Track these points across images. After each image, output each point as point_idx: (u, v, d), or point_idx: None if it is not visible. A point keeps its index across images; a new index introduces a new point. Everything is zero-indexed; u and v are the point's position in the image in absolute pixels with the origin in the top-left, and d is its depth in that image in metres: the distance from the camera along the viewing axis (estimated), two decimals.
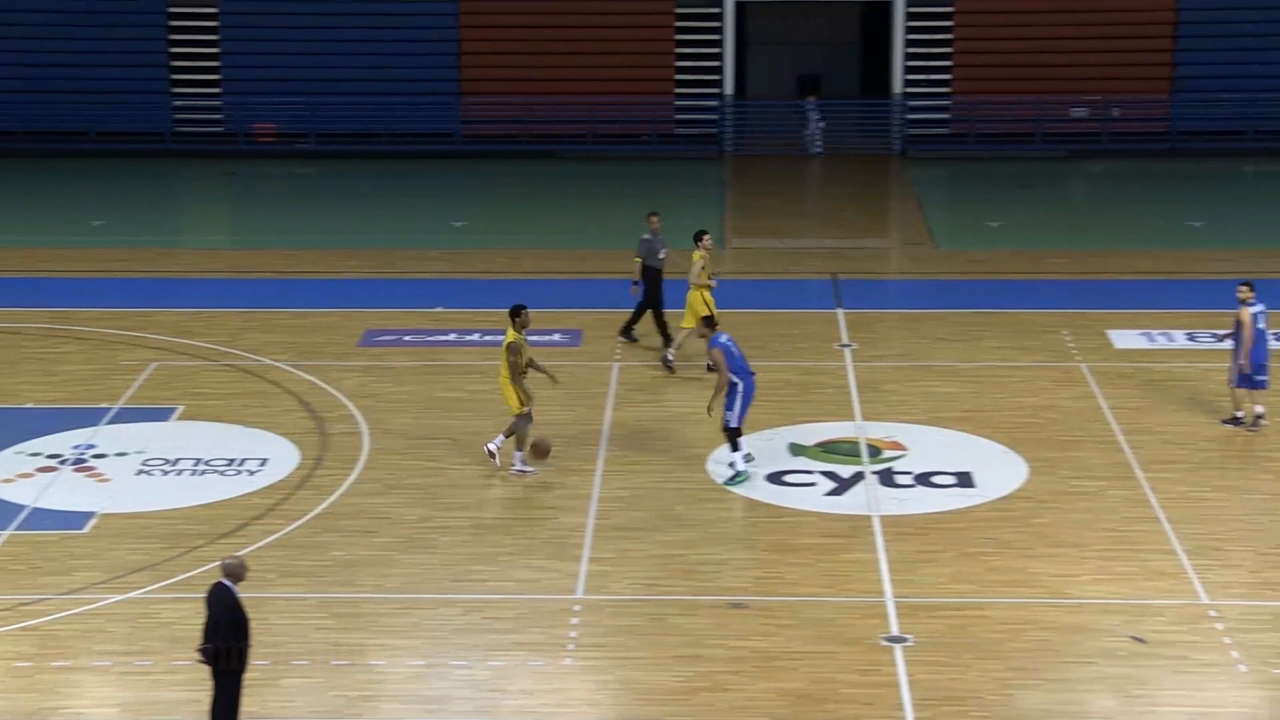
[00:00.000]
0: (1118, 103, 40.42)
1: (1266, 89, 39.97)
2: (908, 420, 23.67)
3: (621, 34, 41.81)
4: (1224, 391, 24.13)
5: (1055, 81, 40.49)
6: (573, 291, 30.05)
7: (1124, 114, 40.53)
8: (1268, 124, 40.14)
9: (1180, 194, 38.18)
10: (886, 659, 17.22)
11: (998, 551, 19.61)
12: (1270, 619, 17.97)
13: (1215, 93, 40.29)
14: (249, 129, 41.96)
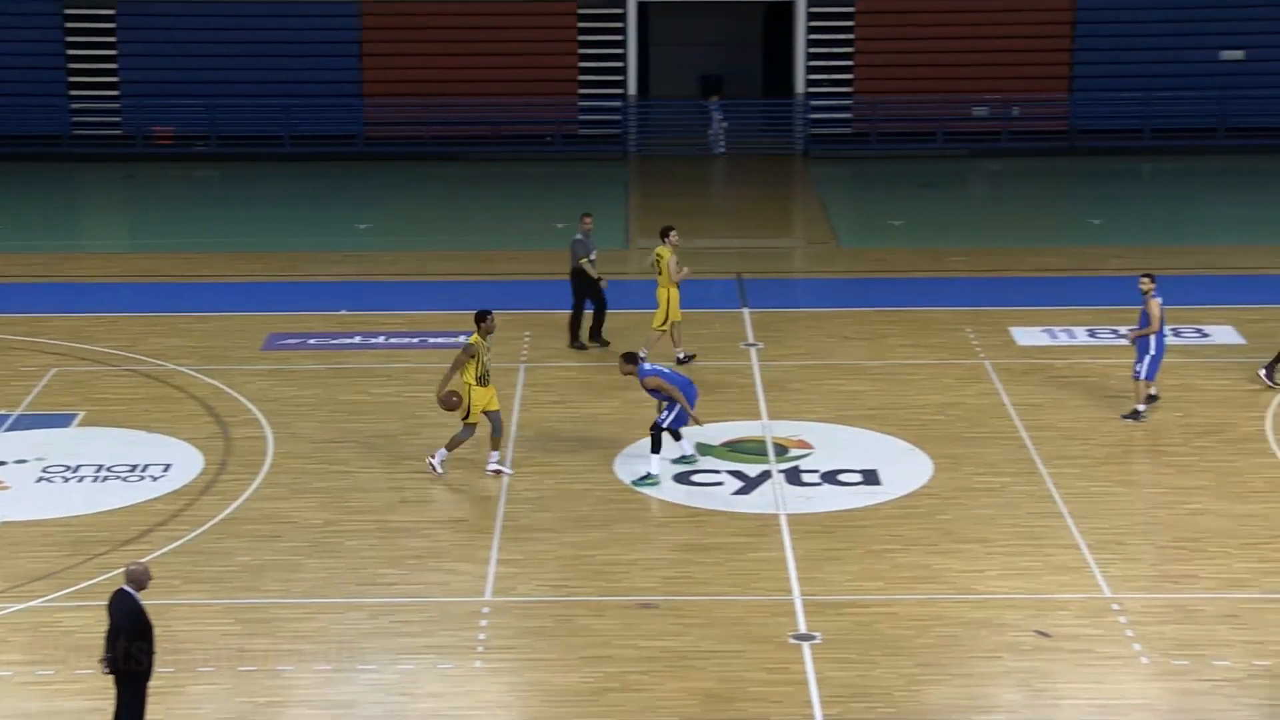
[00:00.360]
0: (1018, 102, 40.78)
1: (1163, 88, 40.45)
2: (814, 419, 23.78)
3: (524, 35, 41.75)
4: (1126, 386, 24.42)
5: (956, 81, 40.81)
6: (478, 293, 29.93)
7: (1024, 113, 40.90)
8: (1164, 122, 40.63)
9: (1080, 192, 38.58)
10: (795, 657, 17.28)
11: (904, 548, 19.73)
12: (1170, 611, 18.18)
13: (1113, 92, 40.73)
14: (148, 132, 41.55)
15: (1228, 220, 36.00)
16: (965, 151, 40.79)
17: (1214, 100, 40.29)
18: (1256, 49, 40.71)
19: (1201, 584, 18.74)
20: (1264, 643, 17.43)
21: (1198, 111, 40.54)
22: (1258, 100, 40.36)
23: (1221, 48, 40.75)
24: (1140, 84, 40.51)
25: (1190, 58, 40.63)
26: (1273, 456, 22.21)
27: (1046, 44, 41.11)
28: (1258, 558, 19.37)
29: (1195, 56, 40.65)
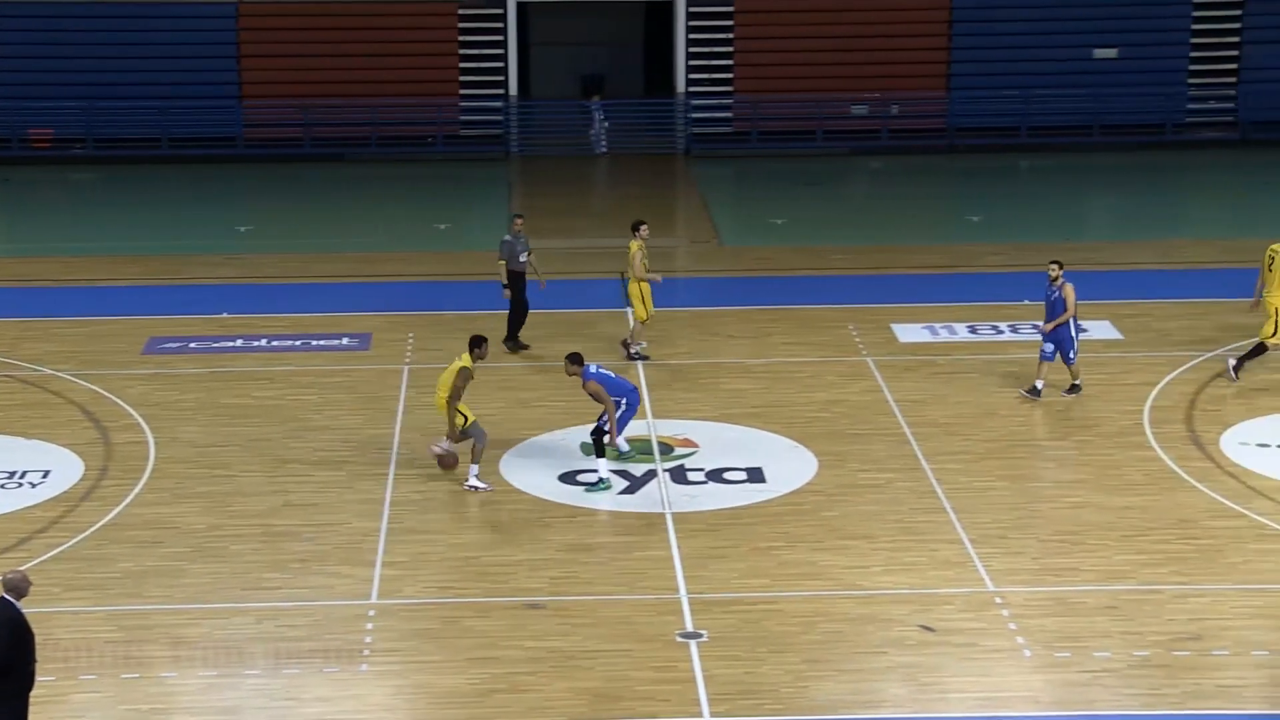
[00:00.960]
0: (896, 100, 41.11)
1: (1038, 86, 40.93)
2: (698, 417, 23.84)
3: (404, 35, 41.54)
4: (1007, 382, 24.72)
5: (835, 80, 41.05)
6: (361, 295, 29.79)
7: (903, 111, 41.22)
8: (1040, 120, 41.10)
9: (959, 189, 38.96)
10: (682, 655, 17.32)
11: (789, 545, 19.83)
12: (1052, 604, 18.40)
13: (990, 90, 41.15)
14: (24, 134, 40.93)
15: (1103, 217, 36.50)
16: (845, 150, 41.05)
17: (1088, 98, 40.81)
18: (1128, 47, 41.29)
19: (1082, 576, 18.98)
20: (1143, 633, 17.69)
21: (1073, 109, 41.05)
22: (1131, 98, 40.93)
23: (1095, 46, 41.28)
24: (1016, 82, 40.96)
25: (1064, 56, 41.13)
26: (1150, 450, 22.54)
27: (924, 43, 41.46)
28: (1136, 550, 19.65)
29: (1069, 55, 41.15)
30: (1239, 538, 19.93)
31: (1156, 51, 41.36)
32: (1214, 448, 22.53)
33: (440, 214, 36.30)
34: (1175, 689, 16.66)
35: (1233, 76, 41.46)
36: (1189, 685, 16.71)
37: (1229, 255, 31.62)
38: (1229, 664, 17.13)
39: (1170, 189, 38.58)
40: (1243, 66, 41.30)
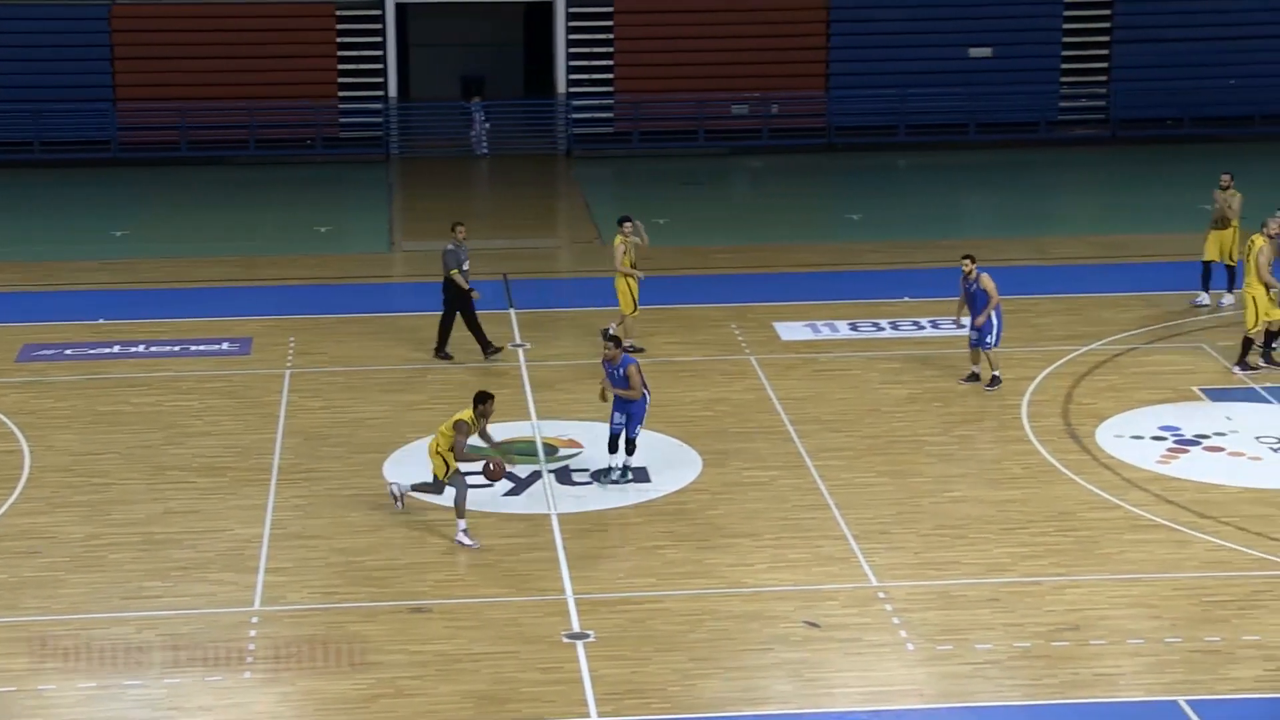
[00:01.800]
0: (776, 100, 41.31)
1: (915, 85, 41.28)
2: (583, 418, 23.85)
3: (281, 37, 41.17)
4: (888, 378, 24.95)
5: (716, 80, 41.18)
6: (241, 299, 29.52)
7: (783, 111, 41.43)
8: (917, 119, 41.45)
9: (839, 188, 39.21)
10: (569, 656, 17.32)
11: (674, 544, 19.88)
12: (934, 597, 18.58)
13: (868, 89, 41.45)
14: None
15: (980, 214, 36.88)
16: (726, 149, 41.19)
17: (964, 97, 41.21)
18: (1002, 46, 41.73)
19: (963, 570, 19.18)
20: (1023, 625, 17.90)
21: (949, 108, 41.43)
22: (1005, 96, 41.37)
23: (970, 46, 41.70)
24: (894, 81, 41.28)
25: (940, 55, 41.51)
26: (1029, 444, 22.80)
27: (803, 43, 41.68)
28: (1016, 543, 19.89)
29: (945, 55, 41.53)
30: (1115, 529, 20.23)
31: (1029, 50, 41.84)
32: (1090, 441, 22.84)
33: (321, 216, 36.04)
34: (1055, 678, 16.88)
35: (1103, 75, 42.03)
36: (1068, 675, 16.95)
37: (1102, 251, 32.09)
38: (1106, 652, 17.39)
39: (1044, 186, 39.05)
40: (1113, 65, 41.87)
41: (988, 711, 16.47)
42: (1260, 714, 16.34)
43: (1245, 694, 16.61)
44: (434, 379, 25.43)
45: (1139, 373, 25.24)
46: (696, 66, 41.19)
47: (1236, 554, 19.52)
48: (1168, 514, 20.57)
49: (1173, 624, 17.92)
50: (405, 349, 26.67)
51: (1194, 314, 27.84)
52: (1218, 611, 18.17)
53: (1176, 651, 17.37)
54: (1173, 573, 19.07)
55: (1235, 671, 16.97)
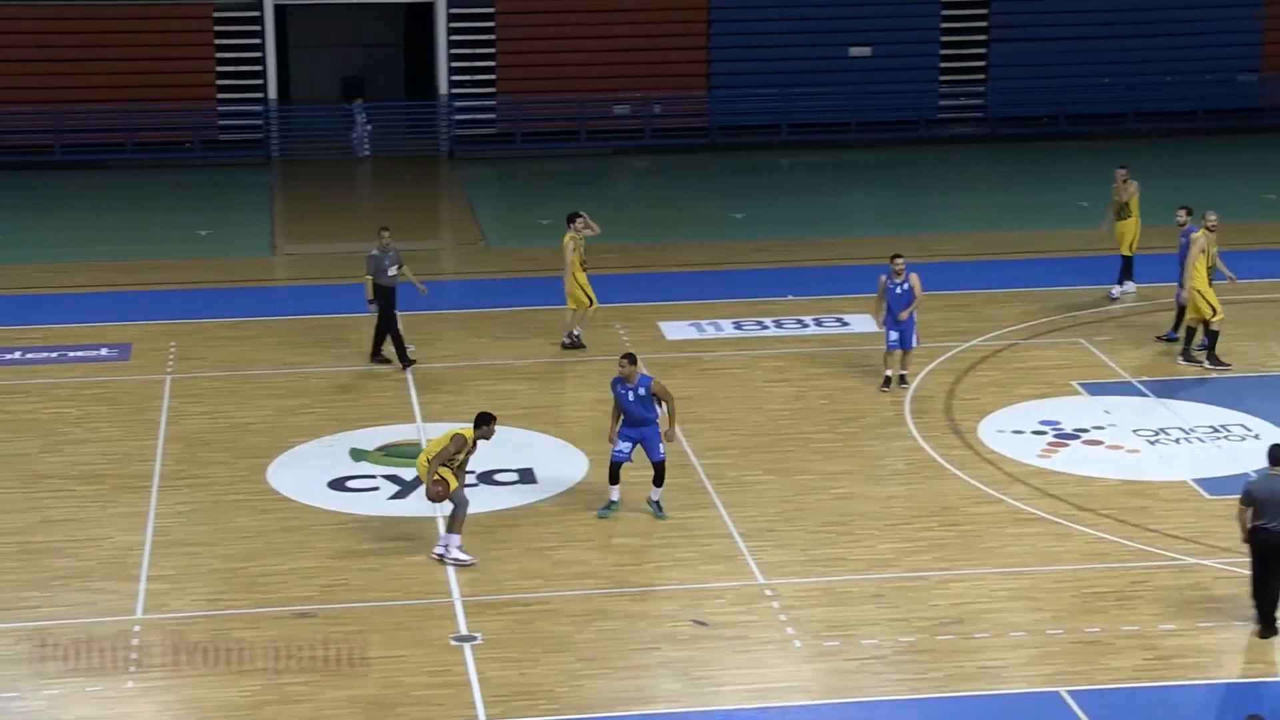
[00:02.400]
0: (658, 100, 41.41)
1: (796, 84, 41.52)
2: (468, 420, 23.70)
3: (158, 39, 40.69)
4: (772, 376, 25.07)
5: (598, 80, 41.22)
6: (120, 304, 29.17)
7: (665, 110, 41.53)
8: (799, 118, 41.69)
9: (722, 188, 39.33)
10: (457, 659, 17.26)
11: (561, 545, 19.87)
12: (820, 594, 18.69)
13: (750, 89, 41.64)
14: None
15: (862, 212, 37.14)
16: (609, 149, 41.22)
17: (845, 96, 41.50)
18: (882, 45, 42.08)
19: (849, 566, 19.31)
20: (908, 620, 18.05)
21: (830, 107, 41.72)
22: (885, 95, 41.72)
23: (850, 45, 42.00)
24: (775, 81, 41.50)
25: (821, 55, 41.78)
26: (913, 439, 23.00)
27: (684, 42, 41.80)
28: (901, 538, 20.05)
29: (826, 54, 41.81)
30: (997, 522, 20.45)
31: (909, 50, 42.22)
32: (972, 436, 23.07)
33: (201, 220, 35.68)
34: (940, 672, 17.04)
35: (981, 74, 42.49)
36: (952, 668, 17.11)
37: (982, 248, 32.42)
38: (989, 645, 17.57)
39: (925, 184, 39.40)
40: (990, 64, 42.33)
41: (874, 706, 16.59)
42: (1139, 703, 16.59)
43: (1124, 684, 16.85)
44: (316, 382, 25.26)
45: (1020, 368, 25.53)
46: (579, 67, 41.20)
47: (1115, 546, 19.80)
48: (1048, 507, 20.82)
49: (1054, 616, 18.14)
50: (287, 353, 26.48)
51: (1077, 307, 28.17)
52: (1098, 603, 18.42)
53: (1058, 643, 17.59)
54: (1054, 565, 19.30)
55: (1115, 661, 17.21)
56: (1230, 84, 42.12)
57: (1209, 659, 17.31)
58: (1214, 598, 18.51)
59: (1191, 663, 17.22)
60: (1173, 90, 41.75)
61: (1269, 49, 42.20)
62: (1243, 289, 26.69)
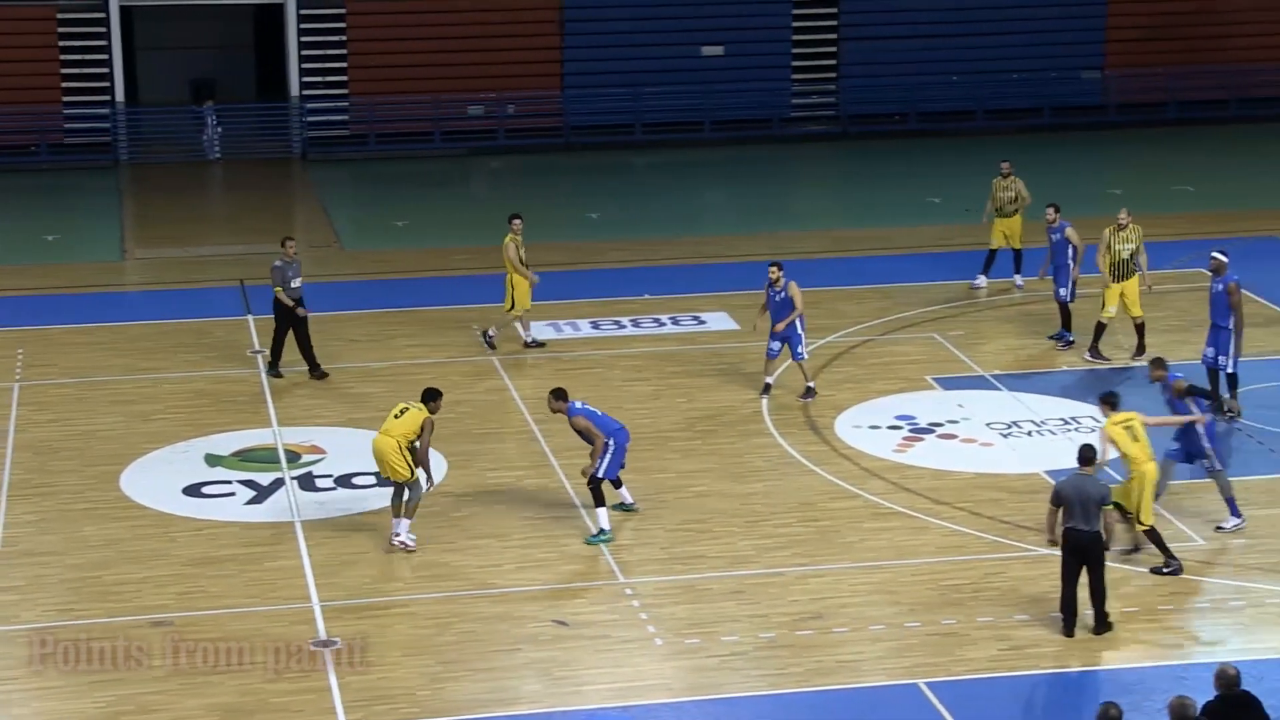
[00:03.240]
0: (512, 100, 41.34)
1: (650, 84, 41.63)
2: (325, 424, 23.60)
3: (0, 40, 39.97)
4: (630, 375, 25.12)
5: (451, 81, 41.05)
6: None
7: (519, 111, 41.46)
8: (653, 117, 41.81)
9: (578, 187, 39.34)
10: (316, 664, 17.12)
11: (421, 547, 19.77)
12: (680, 592, 18.75)
13: (603, 88, 41.69)
14: None
15: (717, 210, 37.31)
16: (464, 150, 41.08)
17: (698, 95, 41.68)
18: (734, 44, 42.31)
19: (709, 563, 19.39)
20: (768, 616, 18.16)
21: (684, 106, 41.87)
22: (738, 94, 41.95)
23: (702, 44, 42.19)
24: (629, 80, 41.59)
25: (674, 54, 41.92)
26: (771, 437, 23.14)
27: (537, 42, 41.76)
28: (760, 535, 20.17)
29: (678, 53, 41.96)
30: (855, 518, 20.63)
31: (761, 48, 42.48)
32: (829, 432, 23.26)
33: (49, 225, 35.07)
34: (800, 667, 17.16)
35: (833, 72, 42.85)
36: (812, 663, 17.24)
37: (836, 245, 32.68)
38: (849, 639, 17.73)
39: (779, 182, 39.66)
40: (841, 63, 42.71)
41: (735, 702, 16.67)
42: (994, 693, 16.81)
43: (980, 674, 17.07)
44: (170, 388, 24.94)
45: (875, 364, 25.77)
46: (432, 68, 41.03)
47: (971, 538, 20.05)
48: (905, 501, 21.04)
49: (911, 609, 18.34)
50: (138, 359, 26.13)
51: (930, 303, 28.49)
52: (954, 595, 18.65)
53: (916, 635, 17.78)
54: (911, 559, 19.52)
55: (971, 653, 17.43)
56: (1076, 81, 42.82)
57: (1062, 648, 17.58)
58: None
59: (1045, 652, 17.48)
60: (1020, 88, 42.36)
61: (1112, 47, 42.96)
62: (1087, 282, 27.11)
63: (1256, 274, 29.49)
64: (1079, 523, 17.42)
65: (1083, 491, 17.42)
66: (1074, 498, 17.43)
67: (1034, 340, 26.66)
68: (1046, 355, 26.07)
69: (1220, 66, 42.55)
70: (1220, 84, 42.48)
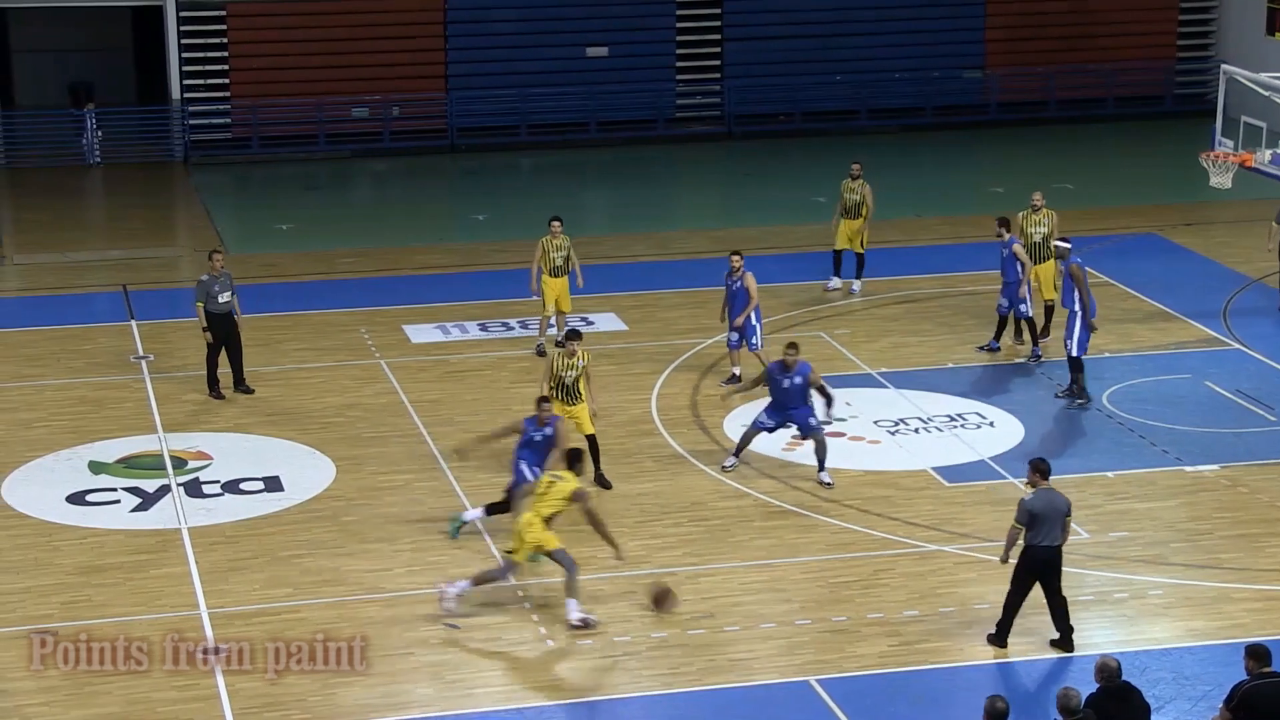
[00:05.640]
0: (397, 102, 41.14)
1: (535, 85, 41.58)
2: (211, 429, 23.38)
3: None
4: (519, 377, 25.10)
5: (335, 83, 40.77)
6: None
7: (404, 112, 41.26)
8: (539, 118, 41.75)
9: (463, 189, 39.22)
10: (205, 671, 16.95)
11: (310, 553, 19.65)
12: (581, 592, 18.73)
13: (488, 90, 41.57)
14: None
15: (604, 211, 37.33)
16: (349, 153, 40.84)
17: (584, 96, 41.68)
18: (619, 45, 42.33)
19: (600, 564, 19.37)
20: (660, 615, 18.17)
21: (569, 107, 41.85)
22: (624, 94, 41.99)
23: (587, 45, 42.18)
24: (514, 81, 41.50)
25: (559, 55, 41.89)
26: (661, 436, 23.19)
27: (421, 44, 41.56)
28: (651, 535, 20.21)
29: (563, 54, 41.93)
30: (745, 517, 20.72)
31: (645, 49, 42.52)
32: (718, 431, 23.34)
33: None
34: (692, 666, 17.22)
35: (717, 73, 42.99)
36: (704, 662, 17.30)
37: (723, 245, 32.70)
38: (740, 638, 17.81)
39: (665, 182, 39.74)
40: (726, 63, 42.86)
41: (627, 703, 16.71)
42: (884, 688, 16.94)
43: (870, 670, 17.21)
44: (52, 395, 24.62)
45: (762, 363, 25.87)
46: (315, 70, 40.73)
47: (860, 535, 20.20)
48: (794, 500, 21.16)
49: (802, 606, 18.45)
50: (20, 365, 25.77)
51: (817, 302, 28.68)
52: (844, 591, 18.78)
53: (806, 633, 17.89)
54: (800, 556, 19.63)
55: (861, 649, 17.56)
56: (957, 80, 43.23)
57: (950, 643, 17.76)
58: (954, 582, 19.00)
59: (934, 647, 17.65)
60: (903, 87, 42.70)
61: (992, 46, 43.40)
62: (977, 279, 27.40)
63: (1135, 270, 29.99)
64: (1044, 539, 17.19)
65: (1053, 506, 17.24)
66: (1046, 513, 17.14)
67: (919, 338, 26.90)
68: (933, 353, 26.30)
69: (1097, 65, 43.12)
70: (1098, 82, 43.06)
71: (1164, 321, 26.99)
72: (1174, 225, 32.99)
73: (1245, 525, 20.48)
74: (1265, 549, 19.87)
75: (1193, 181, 29.93)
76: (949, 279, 29.60)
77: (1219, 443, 22.83)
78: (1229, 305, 28.32)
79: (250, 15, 40.65)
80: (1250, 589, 18.88)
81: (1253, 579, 19.11)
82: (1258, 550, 19.84)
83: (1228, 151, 25.83)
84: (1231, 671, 15.21)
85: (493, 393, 24.73)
